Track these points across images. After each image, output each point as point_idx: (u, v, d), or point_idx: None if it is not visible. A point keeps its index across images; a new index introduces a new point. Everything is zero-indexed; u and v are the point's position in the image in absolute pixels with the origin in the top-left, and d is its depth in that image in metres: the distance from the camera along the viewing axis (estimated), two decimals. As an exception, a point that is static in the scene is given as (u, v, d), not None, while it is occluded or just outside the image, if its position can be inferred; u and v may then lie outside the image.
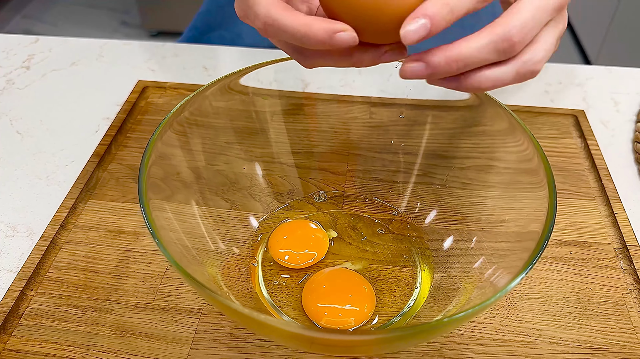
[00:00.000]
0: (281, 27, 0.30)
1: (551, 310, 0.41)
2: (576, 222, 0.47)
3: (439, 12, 0.28)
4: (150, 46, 0.70)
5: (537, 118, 0.58)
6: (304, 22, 0.30)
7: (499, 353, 0.39)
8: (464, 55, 0.29)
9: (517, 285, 0.42)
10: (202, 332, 0.40)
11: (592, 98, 0.62)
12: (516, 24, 0.29)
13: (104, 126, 0.58)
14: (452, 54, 0.29)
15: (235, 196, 0.46)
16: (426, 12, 0.28)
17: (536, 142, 0.37)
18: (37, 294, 0.42)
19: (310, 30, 0.29)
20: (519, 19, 0.29)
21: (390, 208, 0.48)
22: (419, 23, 0.28)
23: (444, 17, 0.28)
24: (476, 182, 0.45)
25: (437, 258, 0.43)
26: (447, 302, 0.39)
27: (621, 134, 0.58)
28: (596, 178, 0.51)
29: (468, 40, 0.30)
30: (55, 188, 0.51)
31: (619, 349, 0.39)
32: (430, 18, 0.28)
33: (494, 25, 0.29)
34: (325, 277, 0.41)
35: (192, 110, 0.41)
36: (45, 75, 0.66)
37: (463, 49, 0.29)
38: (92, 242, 0.46)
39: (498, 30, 0.29)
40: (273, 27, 0.30)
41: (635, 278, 0.43)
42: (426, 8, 0.28)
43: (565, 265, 0.44)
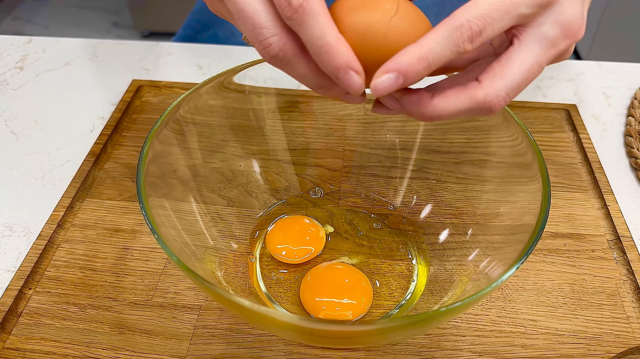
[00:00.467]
0: (313, 17, 0.27)
1: (546, 301, 0.42)
2: (570, 214, 0.48)
3: (413, 68, 0.27)
4: (144, 45, 0.70)
5: (530, 113, 0.59)
6: (336, 34, 0.27)
7: (496, 344, 0.39)
8: (425, 52, 0.27)
9: (512, 276, 0.43)
10: (201, 328, 0.40)
11: (584, 93, 0.63)
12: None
13: (99, 125, 0.58)
14: (415, 54, 0.27)
15: (232, 193, 0.46)
16: (399, 66, 0.27)
17: (530, 136, 0.37)
18: (35, 293, 0.42)
19: (337, 45, 0.27)
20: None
21: (386, 203, 0.48)
22: (390, 78, 0.27)
23: (418, 72, 0.27)
24: (470, 176, 0.46)
25: (433, 252, 0.44)
26: (443, 294, 0.40)
27: (612, 128, 0.58)
28: (589, 171, 0.52)
29: (447, 97, 0.29)
30: (51, 187, 0.51)
31: (613, 339, 0.39)
32: (403, 74, 0.27)
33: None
34: (323, 272, 0.42)
35: (188, 108, 0.42)
36: (40, 75, 0.66)
37: (422, 47, 0.27)
38: (90, 240, 0.46)
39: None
40: (304, 15, 0.27)
41: (628, 268, 0.44)
42: (399, 62, 0.27)
43: (560, 257, 0.45)
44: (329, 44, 0.27)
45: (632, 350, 0.39)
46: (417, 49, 0.27)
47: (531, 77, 0.29)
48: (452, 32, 0.27)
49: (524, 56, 0.29)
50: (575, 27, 0.29)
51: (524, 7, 0.27)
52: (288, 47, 0.28)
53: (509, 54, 0.29)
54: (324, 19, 0.27)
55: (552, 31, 0.29)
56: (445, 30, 0.27)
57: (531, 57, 0.29)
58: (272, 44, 0.28)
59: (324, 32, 0.27)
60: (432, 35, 0.27)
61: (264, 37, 0.28)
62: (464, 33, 0.27)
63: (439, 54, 0.27)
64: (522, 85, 0.29)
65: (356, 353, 0.38)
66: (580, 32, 0.29)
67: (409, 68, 0.27)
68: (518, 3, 0.27)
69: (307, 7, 0.26)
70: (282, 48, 0.28)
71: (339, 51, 0.27)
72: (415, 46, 0.27)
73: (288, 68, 0.29)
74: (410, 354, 0.38)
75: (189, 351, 0.39)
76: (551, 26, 0.29)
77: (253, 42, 0.28)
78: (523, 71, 0.28)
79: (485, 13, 0.27)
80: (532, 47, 0.29)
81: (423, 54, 0.27)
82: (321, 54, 0.27)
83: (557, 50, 0.29)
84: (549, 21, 0.29)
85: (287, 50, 0.28)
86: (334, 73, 0.27)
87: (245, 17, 0.28)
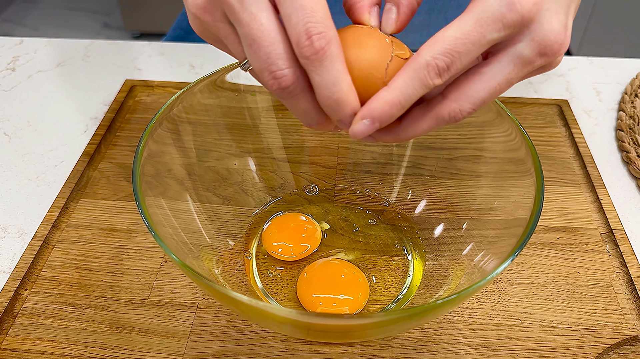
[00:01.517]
0: (332, 62, 0.26)
1: (541, 294, 0.42)
2: (563, 208, 0.48)
3: (386, 112, 0.27)
4: (136, 45, 0.70)
5: (522, 109, 0.59)
6: (350, 83, 0.27)
7: (491, 337, 0.39)
8: (396, 95, 0.27)
9: (507, 270, 0.44)
10: (199, 326, 0.40)
11: (575, 89, 0.63)
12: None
13: (92, 126, 0.58)
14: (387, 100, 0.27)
15: (227, 191, 0.46)
16: (373, 113, 0.27)
17: (524, 132, 0.38)
18: (31, 293, 0.42)
19: (349, 94, 0.27)
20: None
21: (381, 199, 0.48)
22: (366, 124, 0.28)
23: (392, 115, 0.27)
24: (464, 172, 0.46)
25: (428, 247, 0.44)
26: (439, 288, 0.40)
27: (604, 122, 0.59)
28: (581, 166, 0.52)
29: (414, 121, 0.29)
30: (45, 188, 0.51)
31: (607, 330, 0.40)
32: (378, 119, 0.27)
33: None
34: (319, 268, 0.42)
35: (181, 107, 0.42)
36: (31, 76, 0.65)
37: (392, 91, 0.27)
38: (85, 241, 0.46)
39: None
40: (324, 59, 0.26)
41: (621, 261, 0.44)
42: (372, 109, 0.27)
43: (554, 250, 0.45)
44: (341, 91, 0.27)
45: (626, 341, 0.39)
46: (388, 94, 0.27)
47: (498, 93, 0.29)
48: (418, 71, 0.27)
49: (493, 73, 0.28)
50: (555, 45, 0.28)
51: (494, 34, 0.27)
52: (300, 82, 0.28)
53: (478, 69, 0.28)
54: (341, 66, 0.27)
55: (528, 50, 0.28)
56: (412, 70, 0.27)
57: (501, 75, 0.28)
58: (287, 76, 0.27)
59: (340, 79, 0.27)
60: (400, 77, 0.27)
61: (279, 68, 0.27)
62: (430, 71, 0.27)
63: (409, 95, 0.27)
64: (487, 100, 0.28)
65: (353, 348, 0.39)
66: (563, 47, 0.28)
67: (382, 114, 0.27)
68: (486, 32, 0.27)
69: (328, 51, 0.26)
70: (295, 81, 0.27)
71: (349, 99, 0.27)
72: (386, 91, 0.27)
73: (292, 101, 0.28)
74: (407, 349, 0.39)
75: (186, 349, 0.39)
76: (527, 45, 0.28)
77: (263, 70, 0.27)
78: (489, 88, 0.28)
79: (450, 48, 0.27)
80: (504, 64, 0.28)
81: (395, 98, 0.27)
82: (331, 100, 0.27)
83: (532, 67, 0.28)
84: (525, 40, 0.28)
85: (298, 84, 0.28)
86: (337, 118, 0.28)
87: (261, 46, 0.27)
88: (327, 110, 0.28)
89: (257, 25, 0.26)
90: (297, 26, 0.26)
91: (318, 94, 0.27)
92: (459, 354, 0.39)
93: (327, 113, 0.28)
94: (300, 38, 0.26)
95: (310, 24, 0.25)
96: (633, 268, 0.43)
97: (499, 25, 0.27)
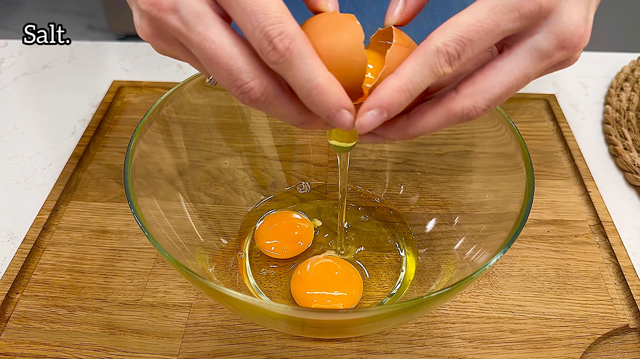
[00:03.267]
0: (301, 59, 0.25)
1: (532, 286, 0.42)
2: (552, 202, 0.49)
3: (395, 101, 0.26)
4: (123, 46, 0.70)
5: (510, 104, 0.60)
6: (327, 75, 0.25)
7: (485, 330, 0.40)
8: (405, 83, 0.26)
9: (498, 263, 0.44)
10: (193, 325, 0.40)
11: (562, 83, 0.64)
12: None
13: (80, 127, 0.57)
14: (395, 87, 0.26)
15: (219, 191, 0.46)
16: (381, 102, 0.26)
17: (513, 126, 0.38)
18: (23, 297, 0.41)
19: (328, 86, 0.25)
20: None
21: (373, 196, 0.48)
22: (374, 115, 0.26)
23: (401, 103, 0.26)
24: (454, 167, 0.46)
25: (421, 242, 0.44)
26: (432, 283, 0.40)
27: (591, 116, 0.60)
28: (569, 159, 0.53)
29: (423, 115, 0.28)
30: (34, 191, 0.51)
31: (598, 320, 0.40)
32: (386, 109, 0.26)
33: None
34: (312, 265, 0.42)
35: (170, 107, 0.41)
36: (17, 79, 0.65)
37: (401, 78, 0.26)
38: (76, 243, 0.45)
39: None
40: (292, 59, 0.25)
41: (611, 252, 0.45)
42: (380, 97, 0.26)
43: (544, 243, 0.46)
44: (320, 86, 0.25)
45: (617, 331, 0.40)
46: (396, 81, 0.26)
47: (514, 89, 0.27)
48: (428, 58, 0.26)
49: (509, 67, 0.27)
50: (575, 38, 0.26)
51: (509, 23, 0.25)
52: (270, 89, 0.26)
53: (494, 63, 0.27)
54: (313, 60, 0.25)
55: (546, 42, 0.26)
56: (422, 57, 0.26)
57: (518, 69, 0.27)
58: (254, 88, 0.25)
59: (314, 73, 0.25)
60: (409, 63, 0.26)
61: (244, 82, 0.25)
62: (440, 58, 0.25)
63: (418, 82, 0.26)
64: (503, 97, 0.27)
65: (348, 343, 0.39)
66: (583, 41, 0.27)
67: (391, 102, 0.26)
68: (500, 21, 0.25)
69: (294, 49, 0.24)
70: (264, 91, 0.26)
71: (330, 92, 0.25)
72: (394, 78, 0.26)
73: (269, 109, 0.27)
74: (402, 343, 0.39)
75: (181, 349, 0.38)
76: (545, 37, 0.26)
77: (229, 87, 0.26)
78: (506, 83, 0.27)
79: (462, 35, 0.25)
80: (521, 58, 0.27)
81: (403, 85, 0.26)
82: (312, 97, 0.25)
83: (551, 61, 0.27)
84: (543, 32, 0.26)
85: (269, 92, 0.26)
86: (324, 114, 0.26)
87: (219, 64, 0.25)
88: (312, 108, 0.26)
89: (209, 44, 0.25)
90: (255, 33, 0.24)
91: (298, 94, 0.26)
92: (453, 347, 0.39)
93: (314, 111, 0.26)
94: (262, 44, 0.24)
95: (267, 28, 0.24)
96: (622, 259, 0.44)
97: (515, 14, 0.25)
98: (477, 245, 0.39)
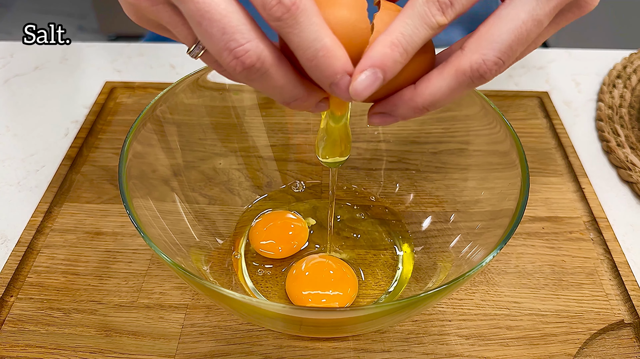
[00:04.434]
0: (307, 16, 0.23)
1: (528, 283, 0.43)
2: (547, 198, 0.49)
3: (388, 56, 0.24)
4: (115, 47, 0.69)
5: (503, 102, 0.60)
6: (333, 36, 0.24)
7: (481, 327, 0.40)
8: (435, 100, 0.25)
9: (494, 260, 0.44)
10: (189, 326, 0.40)
11: (555, 80, 0.64)
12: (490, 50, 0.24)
13: (73, 129, 0.57)
14: (421, 101, 0.25)
15: (214, 191, 0.46)
16: (374, 60, 0.24)
17: (508, 124, 0.38)
18: (17, 299, 0.41)
19: (335, 48, 0.24)
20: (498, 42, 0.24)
21: (368, 194, 0.48)
22: (369, 76, 0.24)
23: (395, 60, 0.24)
24: (449, 165, 0.46)
25: (416, 240, 0.44)
26: (428, 281, 0.40)
27: (584, 113, 0.60)
28: (563, 156, 0.53)
29: (433, 82, 0.25)
30: (27, 194, 0.50)
31: (594, 316, 0.41)
32: (380, 67, 0.24)
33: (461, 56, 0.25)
34: (307, 265, 0.42)
35: (164, 108, 0.41)
36: (9, 80, 0.64)
37: (431, 95, 0.25)
38: (71, 245, 0.45)
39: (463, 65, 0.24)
40: (298, 15, 0.23)
41: (605, 248, 0.45)
42: (372, 55, 0.24)
43: (539, 240, 0.46)
44: (327, 47, 0.23)
45: (612, 326, 0.40)
46: (387, 36, 0.24)
47: (526, 35, 0.25)
48: (418, 8, 0.24)
49: (515, 12, 0.25)
50: None
51: None
52: (267, 54, 0.24)
53: (497, 12, 0.25)
54: (319, 19, 0.23)
55: None
56: (411, 9, 0.24)
57: (524, 13, 0.25)
58: (250, 51, 0.23)
59: (321, 33, 0.23)
60: (399, 17, 0.25)
61: (239, 43, 0.23)
62: (431, 7, 0.24)
63: (411, 35, 0.24)
64: (515, 45, 0.25)
65: (345, 342, 0.39)
66: None
67: (384, 59, 0.24)
68: None
69: (301, 5, 0.23)
70: (261, 56, 0.24)
71: (337, 54, 0.24)
72: (384, 34, 0.24)
73: (262, 80, 0.25)
74: (399, 341, 0.39)
75: (177, 351, 0.38)
76: None
77: (220, 50, 0.24)
78: (514, 29, 0.24)
79: None
80: (525, 0, 0.25)
81: (395, 40, 0.24)
82: (317, 59, 0.24)
83: (557, 1, 0.25)
84: None
85: (265, 58, 0.24)
86: (329, 79, 0.24)
87: (213, 20, 0.23)
88: (315, 74, 0.24)
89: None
90: None
91: (301, 57, 0.24)
92: (450, 344, 0.39)
93: (316, 78, 0.24)
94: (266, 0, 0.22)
95: None
96: (616, 254, 0.44)
97: None
98: (472, 243, 0.39)
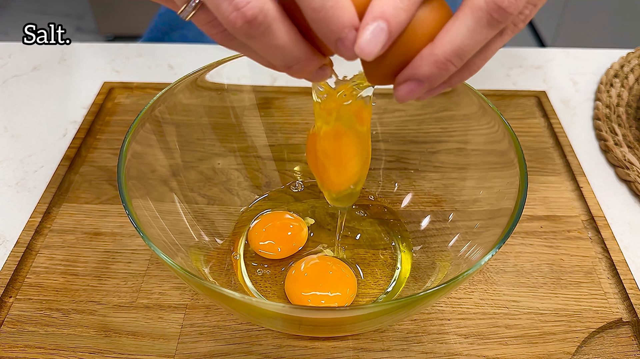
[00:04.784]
0: None
1: (527, 282, 0.43)
2: (545, 197, 0.49)
3: (389, 6, 0.22)
4: (113, 47, 0.69)
5: (501, 101, 0.60)
6: None
7: (480, 326, 0.40)
8: (457, 48, 0.23)
9: (493, 259, 0.44)
10: (189, 326, 0.40)
11: (552, 80, 0.64)
12: None
13: (71, 130, 0.57)
14: (441, 53, 0.23)
15: (212, 191, 0.46)
16: (375, 13, 0.22)
17: (506, 123, 0.38)
18: (16, 300, 0.41)
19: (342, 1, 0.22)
20: None
21: (367, 194, 0.49)
22: (371, 29, 0.22)
23: (397, 6, 0.22)
24: (448, 165, 0.46)
25: (415, 239, 0.44)
26: (427, 280, 0.41)
27: (581, 112, 0.60)
28: (561, 155, 0.53)
29: (450, 28, 0.23)
30: (25, 194, 0.50)
31: (592, 315, 0.41)
32: (384, 19, 0.22)
33: None
34: (306, 265, 0.42)
35: (163, 108, 0.41)
36: (7, 81, 0.64)
37: (450, 42, 0.23)
38: (70, 245, 0.45)
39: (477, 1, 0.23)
40: None
41: (603, 246, 0.45)
42: (373, 8, 0.22)
43: (537, 239, 0.46)
44: (331, 5, 0.22)
45: (611, 324, 0.40)
46: None
47: None
48: None
49: None
50: None
51: None
52: (270, 6, 0.22)
53: None
54: None
55: None
56: None
57: None
58: (251, 2, 0.22)
59: None
60: None
61: None
62: None
63: None
64: None
65: (345, 342, 0.39)
66: None
67: (385, 8, 0.22)
68: None
69: None
70: (263, 8, 0.22)
71: (345, 6, 0.22)
72: None
73: (263, 38, 0.23)
74: (398, 340, 0.39)
75: (177, 351, 0.38)
76: None
77: (219, 3, 0.22)
78: None
79: None
80: None
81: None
82: (325, 10, 0.22)
83: None
84: None
85: (267, 11, 0.22)
86: (336, 34, 0.22)
87: None
88: (321, 27, 0.23)
89: None
90: None
91: (308, 8, 0.22)
92: (449, 343, 0.39)
93: (321, 32, 0.23)
94: None
95: None
96: (615, 253, 0.44)
97: None
98: (471, 242, 0.39)
